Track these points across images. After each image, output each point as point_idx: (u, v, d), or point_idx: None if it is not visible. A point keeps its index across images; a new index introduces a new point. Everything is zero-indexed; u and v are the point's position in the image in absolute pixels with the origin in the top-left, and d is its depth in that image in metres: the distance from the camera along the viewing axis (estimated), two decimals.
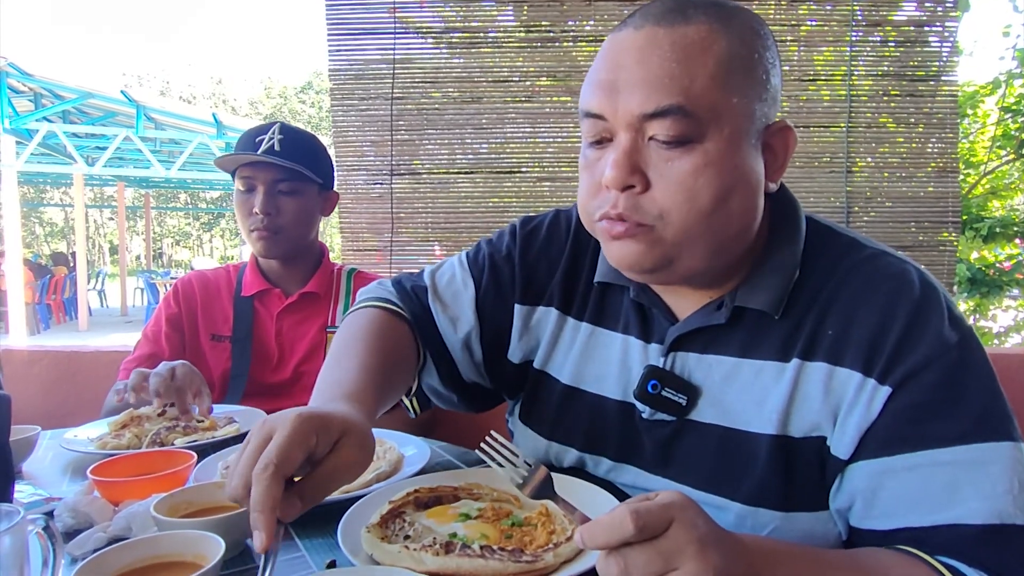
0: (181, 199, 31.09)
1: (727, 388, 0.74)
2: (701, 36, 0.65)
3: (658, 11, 0.67)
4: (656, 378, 0.77)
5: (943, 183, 2.30)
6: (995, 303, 4.44)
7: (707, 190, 0.65)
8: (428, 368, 0.95)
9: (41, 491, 0.94)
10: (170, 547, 0.66)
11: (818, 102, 2.32)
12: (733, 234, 0.70)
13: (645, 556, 0.48)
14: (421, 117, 2.38)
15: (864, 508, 0.66)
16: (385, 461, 0.97)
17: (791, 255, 0.73)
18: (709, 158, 0.65)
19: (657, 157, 0.66)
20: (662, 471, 0.78)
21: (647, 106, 0.64)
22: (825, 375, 0.68)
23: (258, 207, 1.44)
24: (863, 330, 0.67)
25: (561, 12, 2.34)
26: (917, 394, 0.64)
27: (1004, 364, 1.89)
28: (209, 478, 0.91)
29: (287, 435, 0.58)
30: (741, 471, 0.72)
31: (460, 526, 0.74)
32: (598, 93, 0.68)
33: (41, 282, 11.60)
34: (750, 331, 0.74)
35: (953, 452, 0.62)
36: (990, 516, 0.59)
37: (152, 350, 1.51)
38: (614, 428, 0.82)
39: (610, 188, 0.68)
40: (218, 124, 9.53)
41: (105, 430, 1.18)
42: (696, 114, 0.64)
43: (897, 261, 0.72)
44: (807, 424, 0.69)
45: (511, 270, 0.92)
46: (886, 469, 0.64)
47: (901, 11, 2.33)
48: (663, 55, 0.64)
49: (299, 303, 1.54)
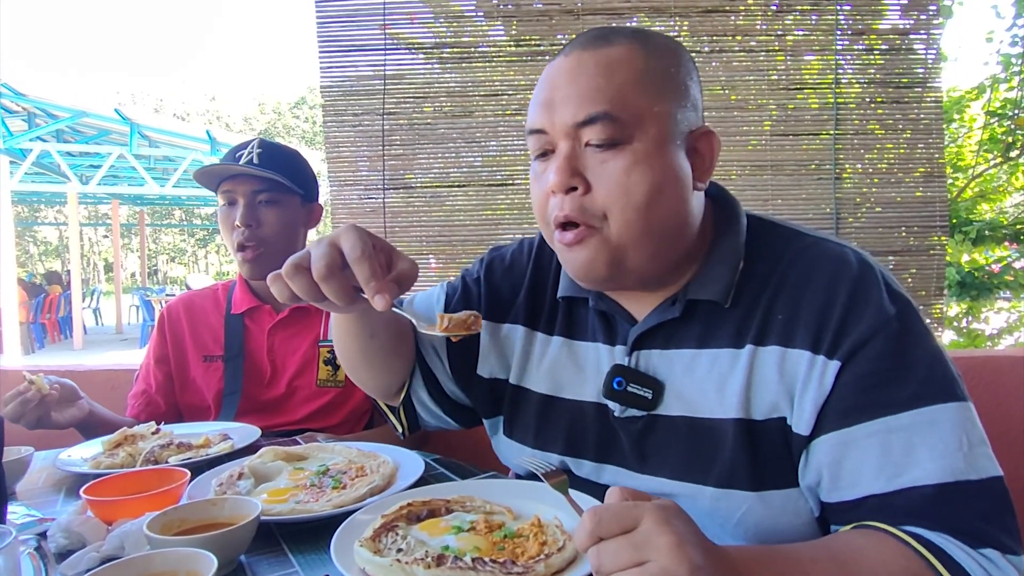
0: (176, 216, 31.06)
1: (688, 379, 0.79)
2: (622, 54, 0.75)
3: (584, 40, 0.77)
4: (620, 375, 0.83)
5: (931, 187, 2.32)
6: (987, 306, 4.46)
7: (640, 186, 0.73)
8: (416, 377, 1.00)
9: (34, 512, 0.94)
10: (163, 565, 0.66)
11: (805, 110, 2.34)
12: (671, 229, 0.77)
13: (615, 546, 0.51)
14: (413, 132, 2.39)
15: (831, 480, 0.70)
16: (379, 475, 0.97)
17: (734, 246, 0.80)
18: (638, 156, 0.73)
19: (593, 160, 0.74)
20: (639, 467, 0.82)
21: (579, 115, 0.74)
22: (779, 357, 0.74)
23: (239, 219, 1.45)
24: (809, 311, 0.73)
25: (550, 27, 2.36)
26: (865, 364, 0.69)
27: (997, 366, 1.91)
28: (203, 495, 0.91)
29: (357, 230, 0.71)
30: (710, 457, 0.76)
31: (452, 538, 0.74)
32: (538, 111, 0.77)
33: (36, 301, 11.55)
34: (704, 322, 0.80)
35: (906, 416, 0.66)
36: (944, 475, 0.64)
37: (142, 387, 1.57)
38: (592, 429, 0.86)
39: (555, 192, 0.75)
40: (212, 141, 9.55)
41: (99, 449, 1.18)
42: (622, 119, 0.73)
43: (835, 245, 0.78)
44: (766, 406, 0.74)
45: (478, 290, 1.00)
46: (847, 439, 0.68)
47: (885, 19, 2.36)
48: (589, 72, 0.74)
49: (290, 318, 1.54)
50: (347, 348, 0.95)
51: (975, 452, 0.65)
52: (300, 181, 1.52)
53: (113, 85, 65.38)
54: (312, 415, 1.49)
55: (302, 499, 0.91)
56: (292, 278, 0.72)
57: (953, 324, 4.56)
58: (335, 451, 1.11)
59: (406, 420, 1.04)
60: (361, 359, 0.96)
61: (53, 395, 1.26)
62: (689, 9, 2.31)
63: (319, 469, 1.02)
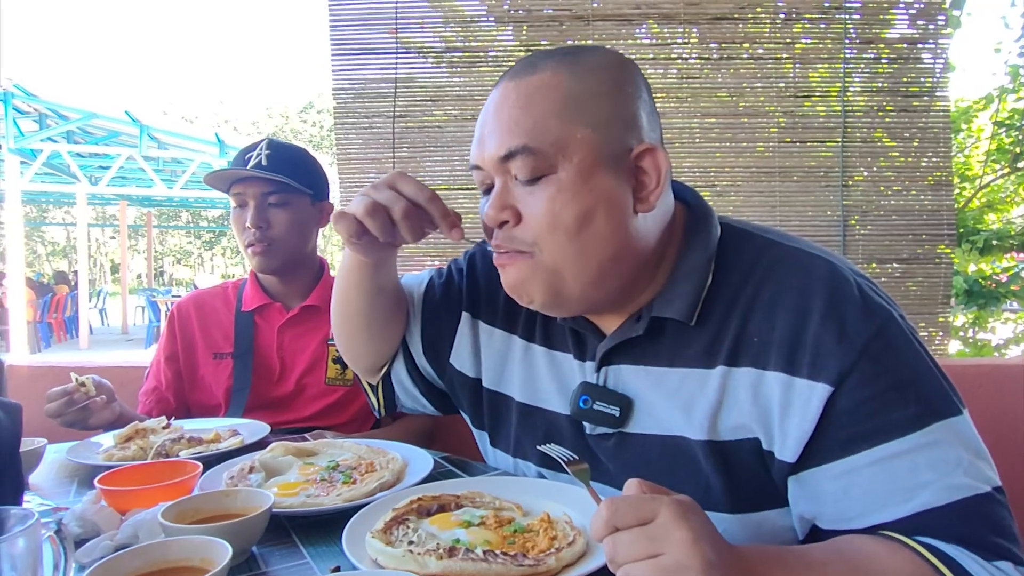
0: (183, 218, 31.23)
1: (656, 396, 0.78)
2: (544, 81, 0.73)
3: (515, 69, 0.77)
4: (587, 393, 0.82)
5: (938, 196, 2.33)
6: (994, 316, 4.45)
7: (567, 213, 0.72)
8: (398, 355, 1.05)
9: (48, 502, 0.95)
10: (178, 552, 0.67)
11: (813, 118, 2.35)
12: (609, 255, 0.74)
13: (630, 537, 0.52)
14: (422, 135, 2.41)
15: (836, 511, 0.68)
16: (388, 471, 0.97)
17: (701, 263, 0.77)
18: (562, 185, 0.72)
19: (521, 193, 0.74)
20: (615, 483, 0.81)
21: (500, 151, 0.74)
22: (753, 379, 0.71)
23: (249, 221, 1.47)
24: (782, 331, 0.70)
25: (560, 32, 2.38)
26: (859, 391, 0.66)
27: (1004, 375, 1.90)
28: (214, 488, 0.92)
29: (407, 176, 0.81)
30: (686, 477, 0.75)
31: (463, 532, 0.75)
32: (474, 148, 0.79)
33: (43, 300, 11.62)
34: (672, 340, 0.78)
35: (908, 440, 0.64)
36: (952, 494, 0.63)
37: (153, 384, 1.58)
38: (568, 444, 0.84)
39: (490, 224, 0.77)
40: (220, 143, 9.62)
41: (111, 442, 1.19)
42: (541, 150, 0.72)
43: (806, 256, 0.75)
44: (735, 427, 0.72)
45: (460, 280, 1.02)
46: (851, 468, 0.66)
47: (894, 29, 2.37)
48: (511, 104, 0.74)
49: (300, 316, 1.56)
50: (351, 305, 0.98)
51: (976, 466, 0.64)
52: (309, 181, 1.53)
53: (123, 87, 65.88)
54: (320, 413, 1.50)
55: (312, 493, 0.91)
56: (370, 216, 0.79)
57: (959, 334, 4.54)
58: (345, 447, 1.11)
59: (383, 399, 1.07)
60: (361, 321, 0.99)
61: (99, 401, 1.27)
62: (698, 16, 2.32)
63: (329, 464, 1.03)
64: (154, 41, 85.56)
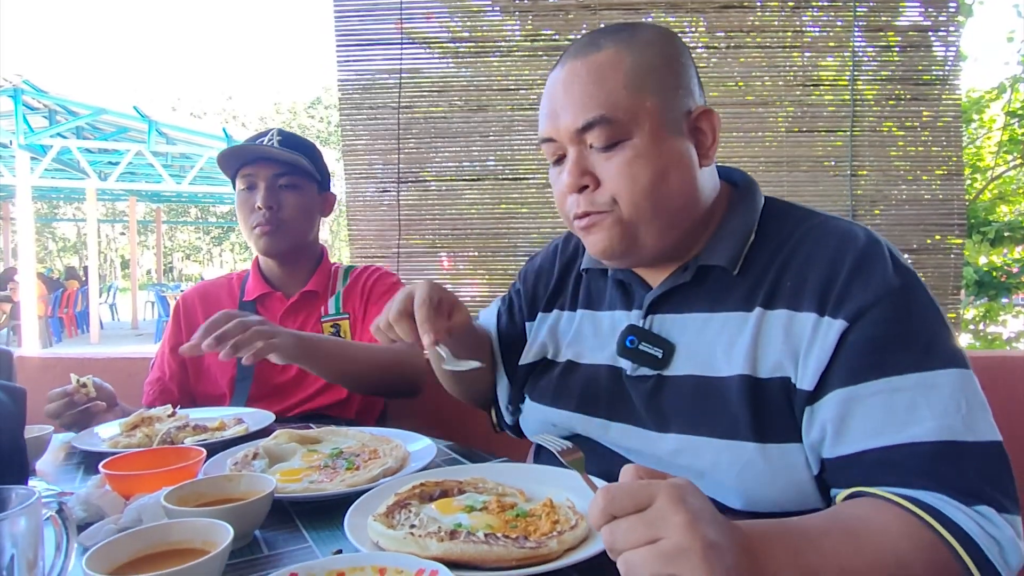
0: (192, 213, 31.36)
1: (699, 340, 0.84)
2: (609, 58, 0.81)
3: (575, 48, 0.84)
4: (633, 334, 0.89)
5: (949, 187, 2.30)
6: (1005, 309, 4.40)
7: (644, 174, 0.79)
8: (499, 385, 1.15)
9: (54, 487, 0.95)
10: (180, 534, 0.67)
11: (822, 107, 2.33)
12: (680, 206, 0.83)
13: (628, 524, 0.52)
14: (428, 126, 2.40)
15: (835, 435, 0.72)
16: (391, 457, 0.98)
17: (746, 221, 0.86)
18: (638, 151, 0.79)
19: (599, 159, 0.82)
20: (647, 423, 0.86)
21: (578, 122, 0.81)
22: (786, 320, 0.78)
23: (260, 201, 1.48)
24: (816, 277, 0.77)
25: (566, 22, 2.37)
26: (871, 327, 0.72)
27: (1014, 366, 1.88)
28: (218, 474, 0.92)
29: (428, 286, 0.90)
30: (715, 411, 0.79)
31: (465, 516, 0.75)
32: (545, 121, 0.86)
33: (54, 296, 11.72)
34: (715, 288, 0.85)
35: (911, 378, 0.69)
36: (942, 434, 0.66)
37: (157, 375, 1.58)
38: (605, 389, 0.92)
39: (570, 192, 0.84)
40: (228, 139, 9.65)
41: (117, 430, 1.20)
42: (617, 119, 0.79)
43: (846, 223, 0.83)
44: (770, 364, 0.77)
45: (519, 300, 1.14)
46: (853, 396, 0.71)
47: (904, 17, 2.34)
48: (583, 81, 0.81)
49: (300, 302, 1.57)
50: (441, 374, 1.14)
51: (974, 416, 0.68)
52: (317, 168, 1.57)
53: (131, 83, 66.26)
54: (322, 390, 1.50)
55: (315, 479, 0.92)
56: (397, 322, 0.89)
57: (969, 327, 4.50)
58: (348, 435, 1.12)
59: (496, 417, 1.18)
60: (460, 388, 1.18)
61: (100, 405, 1.27)
62: (705, 5, 2.30)
63: (332, 451, 1.03)
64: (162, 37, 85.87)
